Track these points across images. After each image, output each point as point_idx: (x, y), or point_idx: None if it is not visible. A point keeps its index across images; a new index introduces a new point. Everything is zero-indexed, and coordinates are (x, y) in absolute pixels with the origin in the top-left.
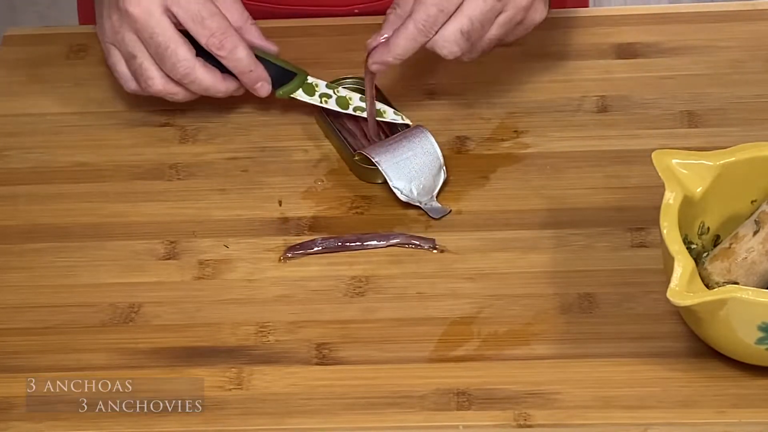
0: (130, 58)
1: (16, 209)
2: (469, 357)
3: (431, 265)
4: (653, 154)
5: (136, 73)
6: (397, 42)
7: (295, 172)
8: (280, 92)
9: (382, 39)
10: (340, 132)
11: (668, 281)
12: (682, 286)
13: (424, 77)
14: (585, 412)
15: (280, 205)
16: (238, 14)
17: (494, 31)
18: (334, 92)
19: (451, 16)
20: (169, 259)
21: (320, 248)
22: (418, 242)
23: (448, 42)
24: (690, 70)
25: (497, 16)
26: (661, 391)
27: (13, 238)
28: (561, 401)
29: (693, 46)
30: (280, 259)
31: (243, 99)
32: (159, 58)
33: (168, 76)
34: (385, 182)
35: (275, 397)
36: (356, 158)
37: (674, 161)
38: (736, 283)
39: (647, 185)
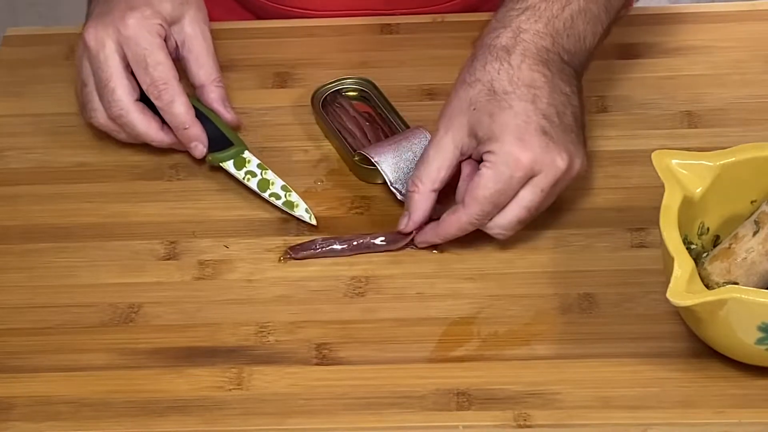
0: (82, 86)
1: (16, 209)
2: (469, 357)
3: (431, 265)
4: (653, 155)
5: (84, 102)
6: (447, 231)
7: (295, 172)
8: (209, 158)
9: (408, 221)
10: (340, 132)
11: (668, 281)
12: (682, 287)
13: (424, 77)
14: (585, 412)
15: None
16: (205, 72)
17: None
18: (262, 173)
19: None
20: (169, 259)
21: (319, 250)
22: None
23: (504, 229)
24: (690, 70)
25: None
26: (660, 391)
27: (13, 238)
28: (561, 401)
29: (693, 46)
30: (280, 260)
31: (243, 99)
32: (99, 92)
33: None
34: (385, 182)
35: (275, 398)
36: (356, 158)
37: (674, 162)
38: (735, 283)
39: (647, 185)
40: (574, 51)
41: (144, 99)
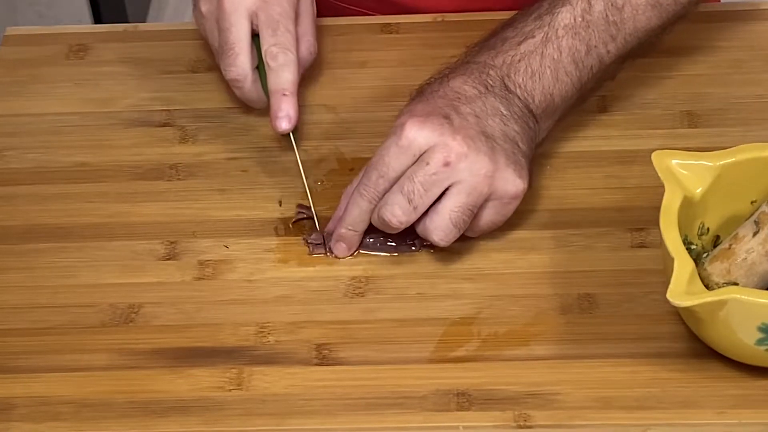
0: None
1: (16, 209)
2: (469, 358)
3: (431, 265)
4: (653, 155)
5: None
6: (346, 211)
7: (295, 172)
8: None
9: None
10: None
11: (668, 282)
12: (682, 287)
13: (424, 77)
14: (585, 413)
15: (280, 205)
16: (305, 46)
17: (452, 201)
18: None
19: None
20: (169, 259)
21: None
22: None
23: (390, 204)
24: (690, 70)
25: (451, 185)
26: (660, 391)
27: (13, 238)
28: (561, 402)
29: (693, 46)
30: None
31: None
32: (221, 53)
33: None
34: None
35: (275, 398)
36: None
37: (674, 162)
38: (736, 284)
39: (647, 185)
40: (526, 86)
41: None
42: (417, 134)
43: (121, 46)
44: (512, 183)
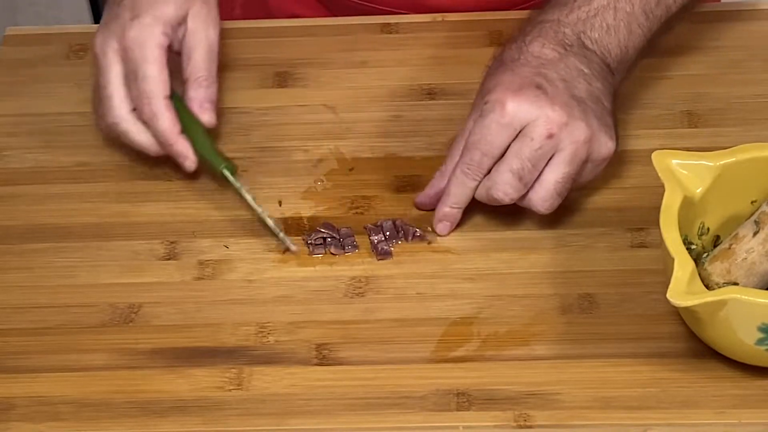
0: (93, 91)
1: (16, 209)
2: (469, 357)
3: (431, 265)
4: (653, 155)
5: (94, 107)
6: (449, 190)
7: (295, 172)
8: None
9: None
10: None
11: (668, 282)
12: (682, 287)
13: (424, 77)
14: (585, 413)
15: (280, 205)
16: (191, 68)
17: (556, 172)
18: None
19: (499, 160)
20: (169, 259)
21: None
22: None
23: (500, 183)
24: (690, 70)
25: (553, 155)
26: (661, 391)
27: (13, 238)
28: (561, 402)
29: (693, 46)
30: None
31: (243, 98)
32: (99, 99)
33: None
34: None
35: (275, 398)
36: None
37: (674, 162)
38: (736, 283)
39: (647, 185)
40: (602, 42)
41: None
42: (517, 109)
43: None
44: (605, 145)
